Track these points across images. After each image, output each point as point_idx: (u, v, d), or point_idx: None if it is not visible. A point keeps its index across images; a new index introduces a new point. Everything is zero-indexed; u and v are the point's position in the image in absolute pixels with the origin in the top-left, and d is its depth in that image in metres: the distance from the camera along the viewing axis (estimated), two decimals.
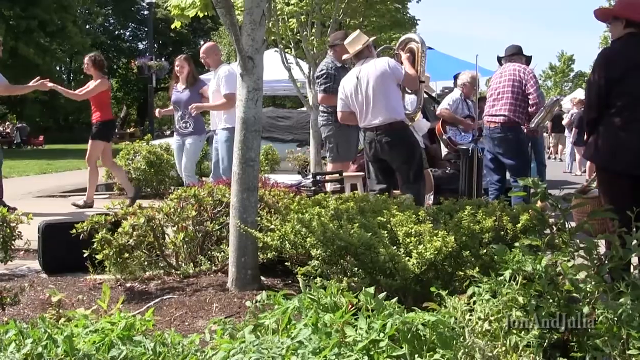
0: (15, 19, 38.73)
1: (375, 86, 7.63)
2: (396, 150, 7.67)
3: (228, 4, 5.00)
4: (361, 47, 7.89)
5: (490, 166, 9.15)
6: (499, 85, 8.89)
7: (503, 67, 9.08)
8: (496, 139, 8.85)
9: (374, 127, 7.70)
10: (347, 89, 7.95)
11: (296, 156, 14.75)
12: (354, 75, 7.89)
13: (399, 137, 7.67)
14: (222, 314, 4.60)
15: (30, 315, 4.72)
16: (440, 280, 4.23)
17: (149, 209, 5.86)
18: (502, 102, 8.76)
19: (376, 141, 7.69)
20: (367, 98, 7.69)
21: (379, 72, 7.66)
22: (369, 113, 7.71)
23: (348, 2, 11.30)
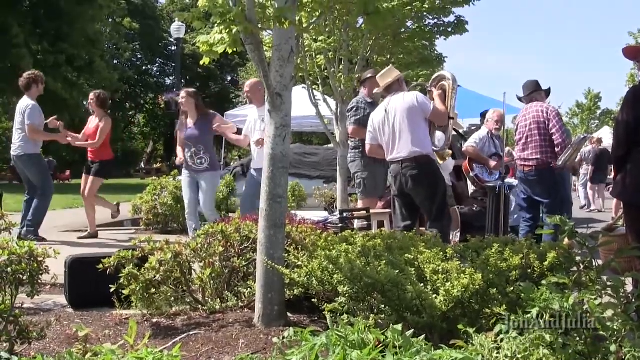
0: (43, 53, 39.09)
1: (402, 119, 7.67)
2: (420, 184, 7.67)
3: (257, 40, 5.05)
4: (391, 81, 7.96)
5: (524, 205, 9.21)
6: (525, 128, 8.97)
7: (526, 109, 9.12)
8: (531, 181, 8.96)
9: (399, 160, 7.72)
10: (376, 121, 8.03)
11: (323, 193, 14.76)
12: (382, 108, 7.98)
13: (424, 171, 7.68)
14: (248, 350, 4.58)
15: (56, 350, 4.73)
16: (467, 318, 4.21)
17: (176, 244, 5.87)
18: (533, 145, 8.83)
19: (401, 174, 7.71)
20: (394, 131, 7.73)
21: (407, 106, 7.70)
22: (396, 146, 7.75)
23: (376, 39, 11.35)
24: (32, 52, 38.23)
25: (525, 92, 9.36)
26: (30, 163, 10.39)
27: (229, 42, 5.16)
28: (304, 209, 12.64)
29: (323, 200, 14.59)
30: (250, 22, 4.83)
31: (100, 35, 46.60)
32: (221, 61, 59.02)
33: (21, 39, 36.87)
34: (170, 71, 65.67)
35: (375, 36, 11.31)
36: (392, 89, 8.00)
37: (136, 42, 65.87)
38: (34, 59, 36.42)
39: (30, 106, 10.40)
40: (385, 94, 8.11)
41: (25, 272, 4.51)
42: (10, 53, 36.54)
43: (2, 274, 4.45)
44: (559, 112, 9.13)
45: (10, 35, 36.67)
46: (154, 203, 12.77)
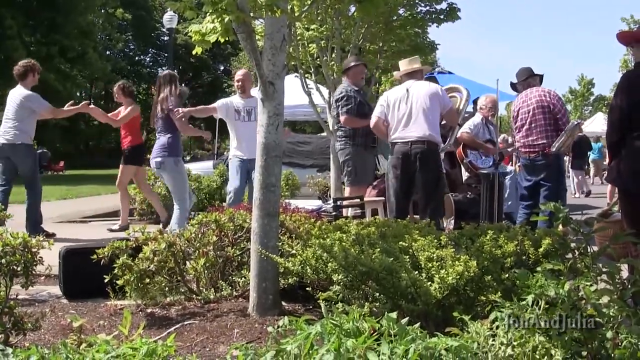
0: (36, 45, 39.01)
1: (424, 102, 7.77)
2: (426, 168, 7.72)
3: (248, 29, 5.03)
4: (418, 67, 8.07)
5: (526, 194, 9.16)
6: (528, 114, 8.91)
7: (526, 94, 9.07)
8: (539, 166, 8.88)
9: (409, 140, 7.73)
10: (392, 97, 8.10)
11: (316, 181, 14.75)
12: (404, 87, 8.09)
13: (432, 155, 7.76)
14: (243, 339, 4.59)
15: (51, 341, 4.73)
16: (462, 305, 4.21)
17: (170, 234, 5.86)
18: (537, 130, 8.79)
19: (410, 155, 7.71)
20: (411, 110, 7.80)
21: (432, 92, 7.82)
22: (409, 125, 7.78)
23: (367, 27, 11.33)
24: (25, 43, 38.16)
25: (519, 78, 9.34)
26: (27, 153, 10.31)
27: (221, 32, 5.13)
28: (297, 198, 12.63)
29: (317, 189, 14.58)
30: (242, 11, 4.80)
31: (92, 26, 46.52)
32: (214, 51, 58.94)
33: (14, 30, 36.80)
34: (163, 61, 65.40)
35: (367, 24, 11.30)
36: (415, 76, 8.08)
37: (129, 33, 65.66)
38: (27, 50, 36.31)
39: (33, 95, 10.32)
40: (405, 78, 8.16)
41: (20, 263, 4.50)
42: (3, 45, 36.47)
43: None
44: (560, 97, 9.13)
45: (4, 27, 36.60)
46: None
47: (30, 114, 10.27)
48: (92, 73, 47.13)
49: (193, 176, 13.07)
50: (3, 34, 36.67)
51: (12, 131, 10.20)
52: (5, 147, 10.25)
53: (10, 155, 10.24)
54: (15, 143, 10.18)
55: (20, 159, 10.29)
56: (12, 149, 10.19)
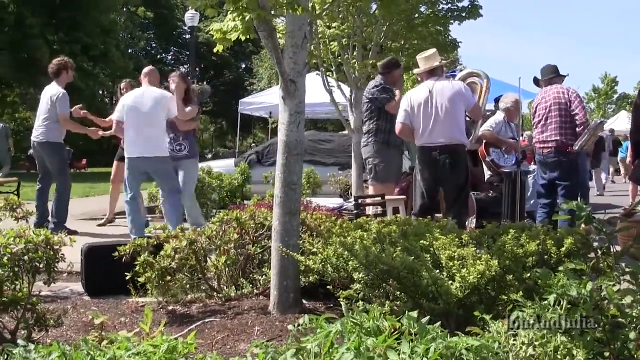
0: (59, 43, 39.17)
1: (449, 105, 7.64)
2: (456, 173, 7.64)
3: (270, 27, 5.02)
4: (438, 65, 7.93)
5: (542, 192, 9.12)
6: (545, 110, 8.86)
7: (545, 91, 9.03)
8: (551, 163, 8.84)
9: (437, 146, 7.65)
10: (416, 101, 7.92)
11: (338, 180, 14.73)
12: (426, 89, 7.89)
13: (461, 161, 7.67)
14: (264, 337, 4.59)
15: (73, 337, 4.76)
16: (483, 305, 4.19)
17: (191, 232, 5.88)
18: (552, 127, 8.74)
19: (439, 161, 7.63)
20: (437, 114, 7.66)
21: (456, 92, 7.68)
22: (435, 130, 7.68)
23: (389, 25, 11.29)
24: (48, 42, 38.40)
25: (544, 75, 9.28)
26: (53, 151, 10.37)
27: (243, 30, 5.15)
28: (319, 196, 12.63)
29: (338, 187, 14.56)
30: (263, 9, 4.80)
31: (115, 25, 46.73)
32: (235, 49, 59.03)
33: (37, 29, 37.06)
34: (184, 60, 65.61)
35: (389, 22, 11.26)
36: (436, 74, 7.95)
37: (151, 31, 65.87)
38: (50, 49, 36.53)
39: (62, 95, 10.37)
40: (426, 77, 8.05)
41: (42, 260, 4.53)
42: (26, 44, 36.72)
43: (19, 262, 4.46)
44: (579, 94, 9.05)
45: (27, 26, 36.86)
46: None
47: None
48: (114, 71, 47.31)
49: (215, 174, 13.08)
50: (26, 33, 36.94)
51: (42, 129, 10.29)
52: (36, 146, 10.36)
53: (42, 153, 10.34)
54: (44, 141, 10.26)
55: (49, 157, 10.38)
56: (42, 147, 10.28)
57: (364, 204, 9.21)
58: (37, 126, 10.48)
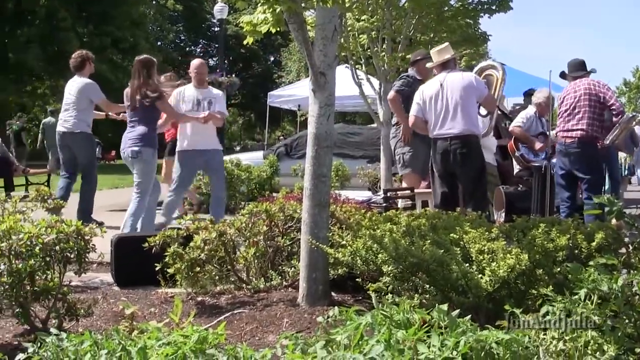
0: (89, 36, 39.44)
1: (460, 96, 7.63)
2: (468, 163, 7.62)
3: (300, 19, 5.03)
4: (449, 57, 7.92)
5: (562, 183, 8.98)
6: (573, 99, 8.74)
7: (575, 83, 8.94)
8: (572, 154, 8.69)
9: (448, 136, 7.66)
10: (427, 93, 7.97)
11: (366, 172, 14.72)
12: (437, 82, 7.93)
13: (473, 151, 7.63)
14: (292, 329, 4.60)
15: (103, 327, 4.80)
16: (513, 299, 4.17)
17: (220, 223, 5.90)
18: (579, 117, 8.60)
19: (450, 152, 7.65)
20: (447, 106, 7.68)
21: (466, 84, 7.67)
22: (447, 122, 7.69)
23: (419, 17, 11.24)
24: (78, 35, 38.65)
25: (571, 70, 9.20)
26: (83, 142, 10.40)
27: (273, 22, 5.15)
28: (347, 189, 12.63)
29: (367, 180, 14.55)
30: (293, 1, 4.81)
31: (144, 17, 46.90)
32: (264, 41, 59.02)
33: (68, 22, 37.33)
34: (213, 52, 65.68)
35: (418, 14, 11.20)
36: (448, 66, 7.95)
37: (179, 24, 66.06)
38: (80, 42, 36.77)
39: (92, 84, 10.43)
40: (438, 70, 8.06)
41: (73, 251, 4.58)
42: (57, 37, 36.98)
43: (51, 252, 4.51)
44: (610, 87, 8.96)
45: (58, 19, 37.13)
46: (199, 183, 12.79)
47: (89, 104, 10.40)
48: None
49: (243, 166, 13.12)
50: (57, 26, 37.24)
51: (72, 120, 10.32)
52: (65, 136, 10.39)
53: (70, 144, 10.37)
54: (74, 132, 10.30)
55: (79, 148, 10.41)
56: (72, 137, 10.32)
57: (392, 196, 9.19)
58: (64, 118, 10.49)
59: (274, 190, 13.41)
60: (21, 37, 37.74)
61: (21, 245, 4.41)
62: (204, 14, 64.69)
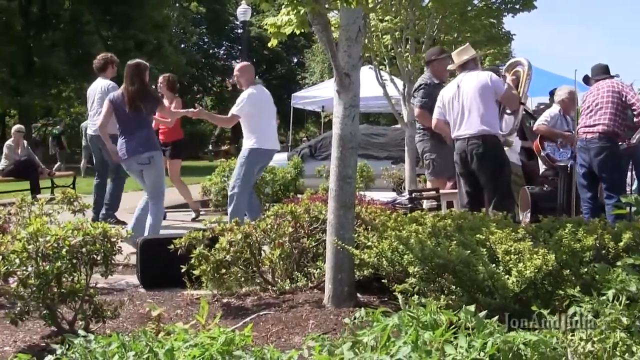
0: (113, 39, 39.55)
1: (474, 97, 7.61)
2: (485, 163, 7.59)
3: (324, 21, 5.03)
4: (468, 58, 7.91)
5: (584, 183, 8.90)
6: (597, 97, 8.69)
7: (599, 83, 8.90)
8: (593, 149, 8.61)
9: (465, 137, 7.66)
10: (446, 96, 7.99)
11: (391, 173, 14.70)
12: (455, 84, 7.95)
13: (490, 150, 7.59)
14: (318, 330, 4.60)
15: (129, 329, 4.82)
16: (539, 299, 4.15)
17: (246, 225, 5.91)
18: (601, 113, 8.53)
19: (467, 152, 7.64)
20: (463, 107, 7.68)
21: (480, 84, 7.64)
22: (463, 123, 7.69)
23: (442, 17, 11.22)
24: (102, 38, 38.83)
25: (594, 74, 9.15)
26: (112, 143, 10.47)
27: (297, 23, 5.17)
28: (371, 190, 12.61)
29: (391, 181, 14.52)
30: (317, 3, 4.81)
31: (168, 20, 47.02)
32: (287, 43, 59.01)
33: (92, 25, 37.50)
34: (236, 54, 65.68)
35: (441, 15, 11.18)
36: (467, 67, 7.94)
37: (203, 26, 66.16)
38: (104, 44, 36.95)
39: (112, 86, 10.49)
40: (459, 71, 8.06)
41: (99, 253, 4.61)
42: (81, 39, 37.20)
43: (77, 254, 4.55)
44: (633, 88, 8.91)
45: (82, 22, 37.35)
46: (223, 184, 12.84)
47: None
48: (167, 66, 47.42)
49: (267, 168, 13.15)
50: (81, 29, 37.42)
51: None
52: (94, 139, 10.48)
53: (100, 147, 10.45)
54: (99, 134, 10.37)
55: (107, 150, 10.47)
56: (99, 139, 10.38)
57: (417, 197, 9.18)
58: (92, 122, 10.61)
59: (299, 192, 13.41)
60: (46, 41, 37.98)
61: (48, 248, 4.45)
62: (227, 16, 64.77)
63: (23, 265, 4.45)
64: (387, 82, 11.54)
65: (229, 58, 67.87)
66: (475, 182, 7.81)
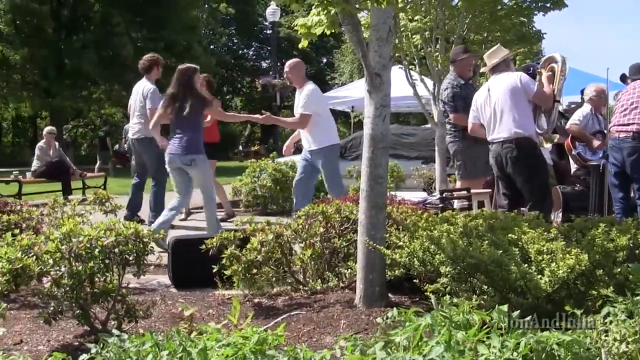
0: (143, 41, 39.74)
1: (505, 100, 7.58)
2: (520, 166, 7.56)
3: (354, 21, 5.03)
4: (498, 61, 7.88)
5: (615, 182, 8.80)
6: (632, 96, 8.59)
7: (635, 82, 8.80)
8: (626, 149, 8.48)
9: (499, 141, 7.63)
10: (479, 101, 7.99)
11: (421, 173, 14.66)
12: (486, 88, 7.96)
13: (524, 153, 7.55)
14: (349, 330, 4.60)
15: (161, 329, 4.85)
16: (572, 300, 4.13)
17: (277, 225, 5.93)
18: (636, 112, 8.40)
19: (502, 155, 7.62)
20: (495, 111, 7.66)
21: (510, 86, 7.60)
22: (496, 126, 7.66)
23: (472, 17, 11.18)
24: (132, 39, 39.07)
25: (632, 73, 9.04)
26: (151, 146, 10.49)
27: (327, 24, 5.18)
28: (402, 190, 12.58)
29: (421, 181, 14.48)
30: (348, 3, 4.82)
31: (197, 21, 47.18)
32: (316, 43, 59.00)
33: (122, 27, 37.77)
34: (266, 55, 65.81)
35: (471, 14, 11.14)
36: (498, 69, 7.91)
37: (232, 27, 66.35)
38: (134, 46, 37.18)
39: (152, 90, 10.54)
40: (491, 73, 8.04)
41: (132, 253, 4.63)
42: (112, 41, 37.47)
43: (110, 254, 4.58)
44: None
45: (112, 24, 37.62)
46: (254, 185, 12.89)
47: None
48: None
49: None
50: (111, 31, 37.69)
51: (137, 126, 10.46)
52: (134, 142, 10.56)
53: (140, 150, 10.53)
54: (141, 137, 10.44)
55: (146, 153, 10.52)
56: (140, 143, 10.46)
57: (449, 197, 9.15)
58: (132, 124, 10.69)
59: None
60: (76, 43, 38.25)
61: (81, 248, 4.49)
62: (256, 17, 64.92)
63: (56, 266, 4.49)
64: (417, 81, 11.51)
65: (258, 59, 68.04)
66: (512, 184, 7.78)
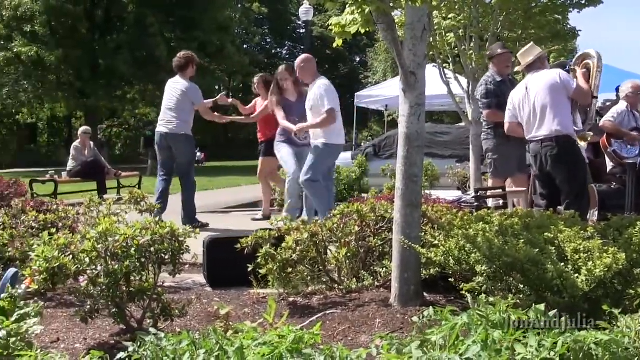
0: (177, 41, 39.94)
1: (544, 98, 7.52)
2: (560, 164, 7.50)
3: (389, 19, 5.03)
4: (532, 59, 7.82)
5: None
6: None
7: None
8: None
9: (539, 139, 7.58)
10: (516, 99, 7.92)
11: (456, 172, 14.62)
12: (523, 86, 7.87)
13: (564, 151, 7.49)
14: (385, 329, 4.60)
15: (197, 327, 4.86)
16: (609, 299, 4.10)
17: (312, 224, 5.93)
18: None
19: (541, 154, 7.57)
20: (534, 109, 7.59)
21: (549, 84, 7.55)
22: (535, 125, 7.60)
23: (506, 14, 11.12)
24: (166, 40, 39.32)
25: None
26: (185, 143, 10.52)
27: (362, 23, 5.17)
28: (436, 189, 12.55)
29: (456, 180, 14.44)
30: (382, 2, 4.82)
31: (230, 21, 47.31)
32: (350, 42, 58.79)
33: (156, 28, 38.04)
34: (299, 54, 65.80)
35: (505, 12, 11.08)
36: (534, 67, 7.85)
37: (265, 27, 66.56)
38: (168, 47, 37.40)
39: (194, 87, 10.60)
40: (526, 72, 7.98)
41: (168, 252, 4.66)
42: (145, 42, 37.73)
43: (146, 253, 4.61)
44: None
45: (146, 25, 37.88)
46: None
47: (191, 106, 10.55)
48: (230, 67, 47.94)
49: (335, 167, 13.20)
50: (145, 31, 37.95)
51: (175, 121, 10.43)
52: (168, 137, 10.54)
53: (172, 145, 10.53)
54: (178, 133, 10.46)
55: (180, 150, 10.54)
56: (174, 139, 10.46)
57: (484, 196, 9.11)
58: (165, 119, 10.59)
59: (363, 191, 13.42)
60: (111, 44, 38.60)
61: (117, 247, 4.52)
62: (289, 16, 65.12)
63: (93, 264, 4.53)
64: (451, 80, 11.49)
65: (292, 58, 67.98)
66: (551, 183, 7.72)
